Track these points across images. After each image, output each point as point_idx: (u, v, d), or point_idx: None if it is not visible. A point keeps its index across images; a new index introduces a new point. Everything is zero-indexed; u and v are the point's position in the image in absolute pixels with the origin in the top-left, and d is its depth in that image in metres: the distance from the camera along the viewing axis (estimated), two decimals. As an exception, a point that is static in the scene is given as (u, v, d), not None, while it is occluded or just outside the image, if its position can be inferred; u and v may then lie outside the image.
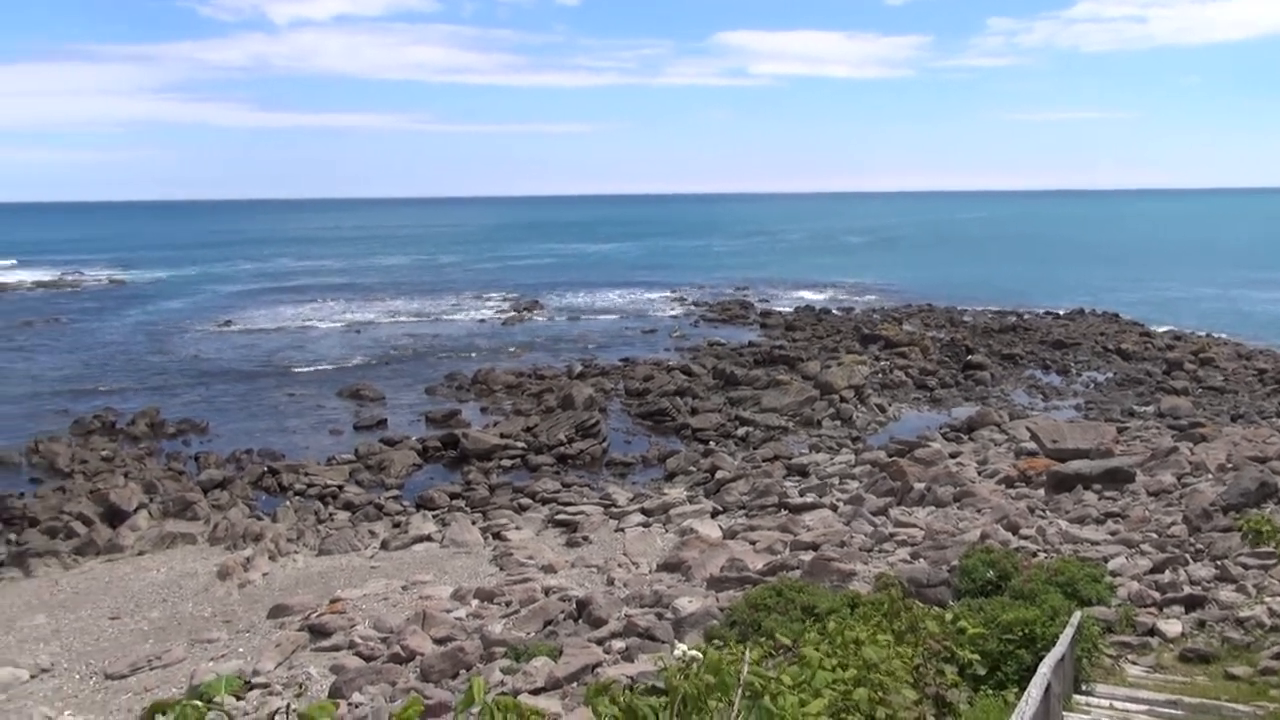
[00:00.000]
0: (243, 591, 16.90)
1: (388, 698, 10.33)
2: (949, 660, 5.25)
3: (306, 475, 25.19)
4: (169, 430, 30.64)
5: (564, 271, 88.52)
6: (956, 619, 6.38)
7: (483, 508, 22.82)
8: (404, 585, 16.07)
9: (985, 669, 7.10)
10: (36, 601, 17.22)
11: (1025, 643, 8.21)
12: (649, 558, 17.23)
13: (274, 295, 70.52)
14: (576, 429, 28.46)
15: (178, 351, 45.65)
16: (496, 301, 64.54)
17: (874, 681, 4.06)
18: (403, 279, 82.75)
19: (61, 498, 23.20)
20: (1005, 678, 7.90)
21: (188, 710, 1.80)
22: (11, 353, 45.95)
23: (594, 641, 10.98)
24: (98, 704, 11.91)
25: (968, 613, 8.32)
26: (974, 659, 5.65)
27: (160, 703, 1.94)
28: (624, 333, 49.95)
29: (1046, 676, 6.24)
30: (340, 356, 43.85)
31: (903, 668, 4.45)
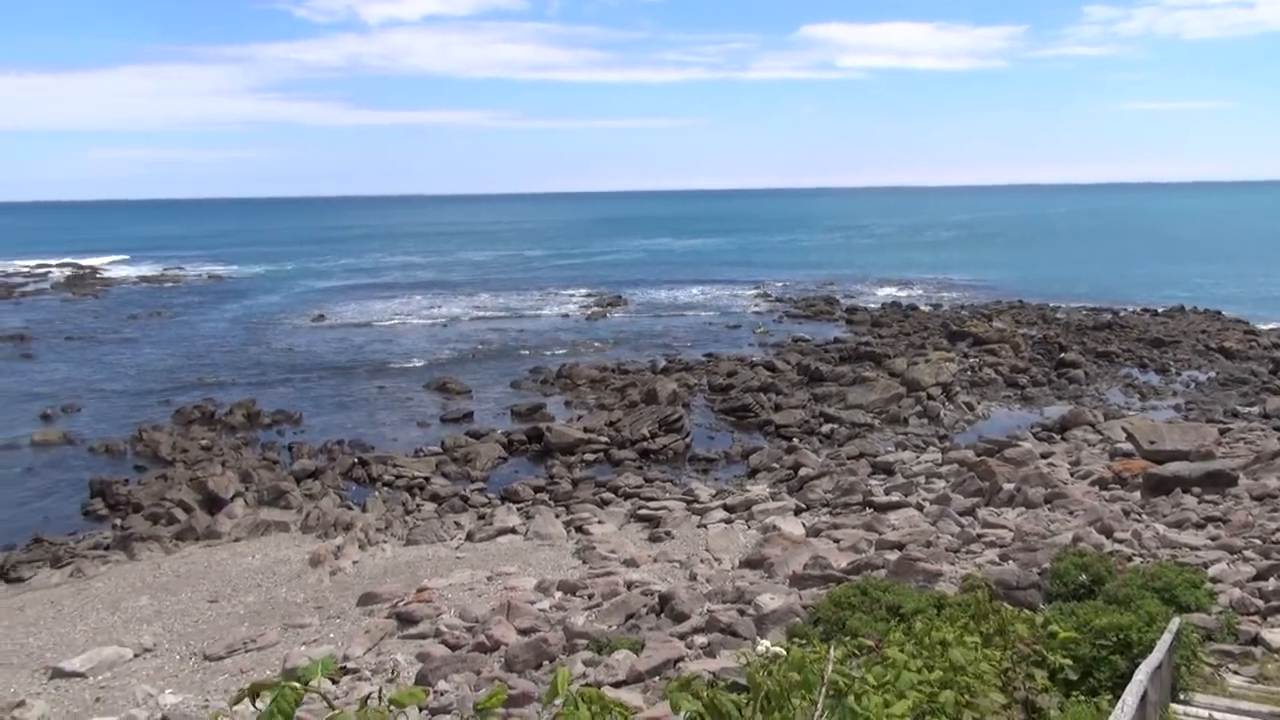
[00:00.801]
0: (333, 579, 17.31)
1: (472, 686, 10.48)
2: (1039, 664, 5.14)
3: (395, 467, 25.70)
4: (264, 421, 31.54)
5: (648, 267, 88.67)
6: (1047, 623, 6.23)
7: (566, 501, 23.01)
8: (489, 576, 16.29)
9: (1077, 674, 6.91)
10: (140, 584, 17.89)
11: (1120, 649, 7.97)
12: (731, 554, 17.18)
13: (365, 290, 72.08)
14: (660, 424, 28.50)
15: (273, 345, 46.96)
16: (581, 297, 64.95)
17: (961, 684, 3.99)
18: (489, 274, 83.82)
19: (163, 485, 24.08)
20: (1098, 684, 7.68)
21: (286, 692, 1.85)
22: (118, 345, 47.82)
23: (676, 636, 10.99)
24: (196, 684, 12.31)
25: (1059, 617, 8.12)
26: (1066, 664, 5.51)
27: (259, 684, 2.00)
28: (708, 328, 49.84)
29: (1143, 684, 6.05)
30: (428, 350, 44.61)
31: (991, 671, 4.36)
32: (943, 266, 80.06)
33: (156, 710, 9.19)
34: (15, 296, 70.98)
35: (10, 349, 46.43)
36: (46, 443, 29.29)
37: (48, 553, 20.36)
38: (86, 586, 18.13)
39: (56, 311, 61.91)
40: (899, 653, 3.73)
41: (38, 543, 20.96)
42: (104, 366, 41.92)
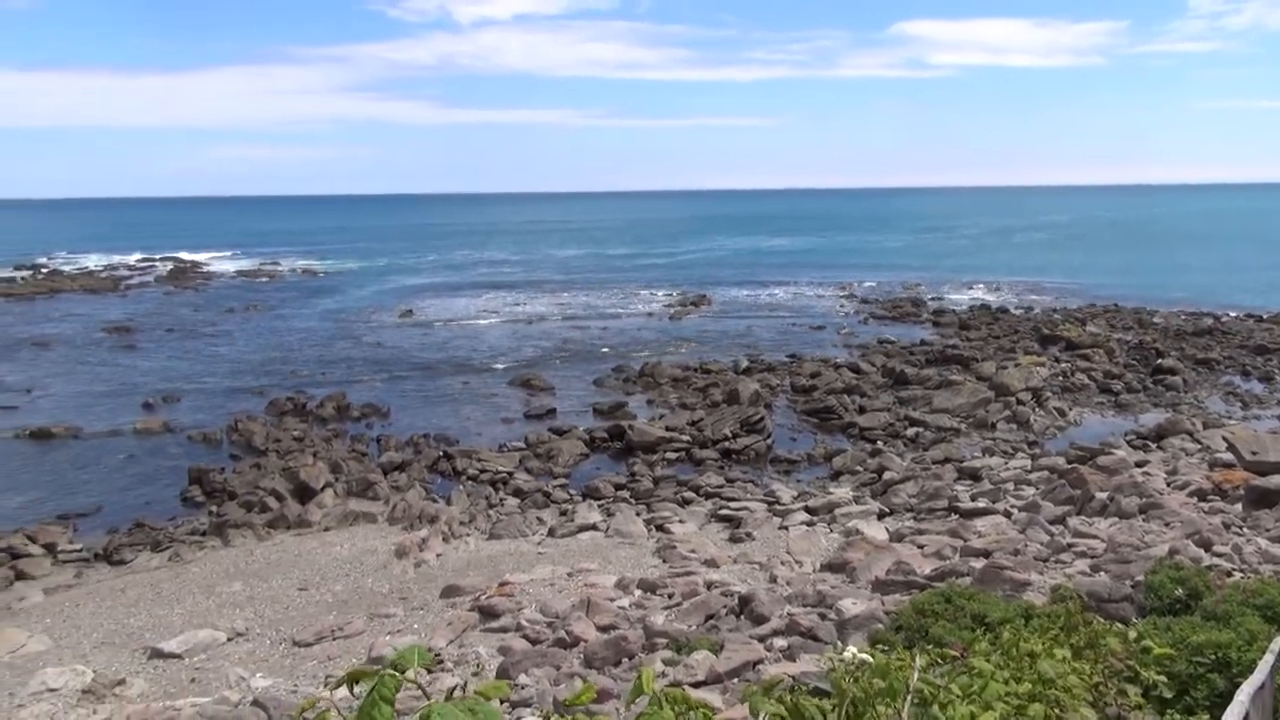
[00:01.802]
0: (418, 570, 17.62)
1: (552, 681, 10.58)
2: (1132, 680, 4.99)
3: (479, 461, 26.06)
4: (354, 414, 32.25)
5: (732, 266, 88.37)
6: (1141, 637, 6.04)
7: (647, 500, 23.07)
8: (569, 572, 16.41)
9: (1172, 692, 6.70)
10: (234, 569, 18.45)
11: (1219, 667, 7.70)
12: (812, 557, 17.03)
13: (452, 287, 73.22)
14: (741, 424, 28.39)
15: (362, 339, 48.00)
16: (664, 295, 65.00)
17: (1050, 698, 3.90)
18: (574, 272, 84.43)
19: (257, 474, 24.80)
20: (1194, 703, 7.43)
21: (387, 679, 1.90)
22: (216, 338, 49.38)
23: (756, 638, 10.94)
24: (286, 669, 12.64)
25: (1153, 631, 7.87)
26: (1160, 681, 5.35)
27: (358, 671, 2.05)
28: (791, 329, 49.48)
29: (1244, 705, 5.84)
30: (512, 347, 45.13)
31: (1081, 685, 4.25)
32: (1034, 268, 78.16)
33: (248, 693, 9.47)
34: (121, 289, 73.81)
35: (115, 340, 48.29)
36: (148, 431, 30.40)
37: (148, 537, 21.16)
38: (184, 571, 18.76)
39: (158, 304, 64.19)
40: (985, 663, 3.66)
41: (139, 527, 21.79)
42: (202, 358, 43.34)
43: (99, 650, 14.03)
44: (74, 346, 46.64)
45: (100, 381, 38.26)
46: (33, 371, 40.22)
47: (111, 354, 44.58)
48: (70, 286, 74.49)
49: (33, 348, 46.12)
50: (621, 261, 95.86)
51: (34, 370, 40.51)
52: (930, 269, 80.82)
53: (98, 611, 16.40)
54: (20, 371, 40.13)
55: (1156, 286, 61.99)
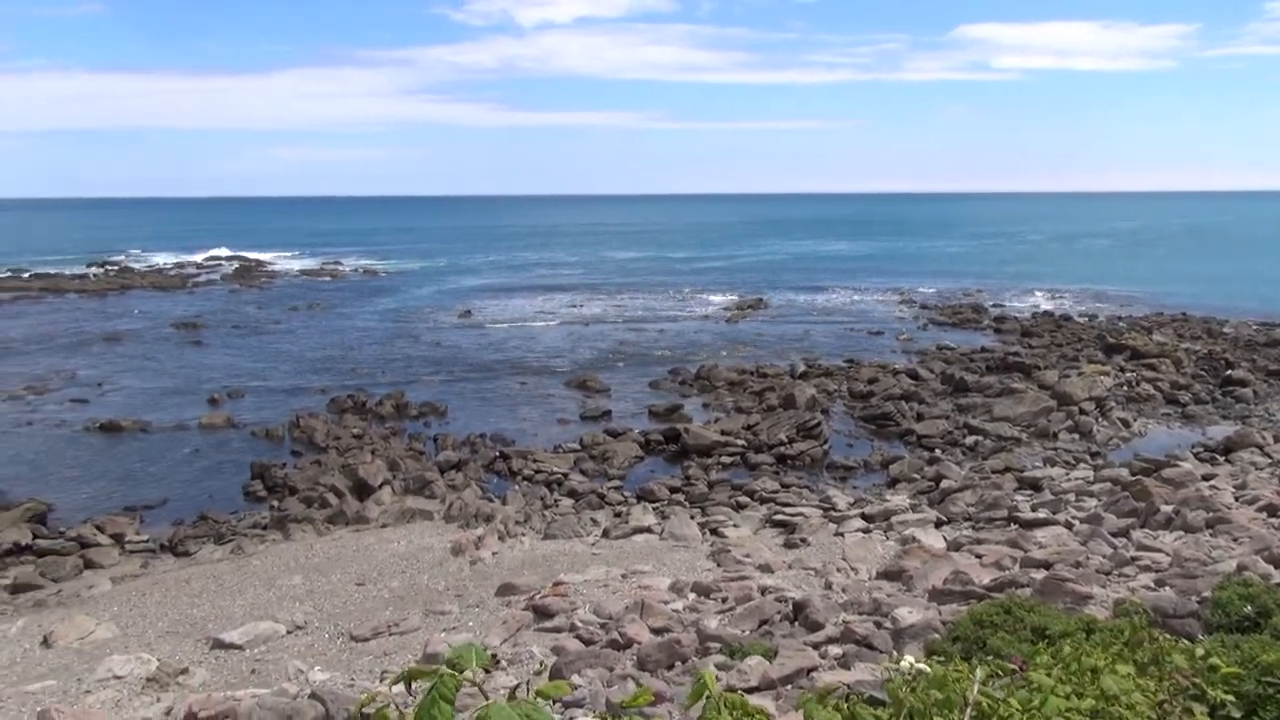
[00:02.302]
0: (473, 568, 17.78)
1: (605, 682, 10.61)
2: (1198, 699, 4.87)
3: (535, 461, 26.22)
4: (412, 412, 32.64)
5: (791, 270, 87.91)
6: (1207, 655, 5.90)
7: (701, 503, 23.04)
8: (623, 574, 16.44)
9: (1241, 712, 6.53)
10: (294, 563, 18.77)
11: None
12: (868, 564, 16.88)
13: (511, 288, 73.77)
14: (798, 429, 28.24)
15: (421, 339, 48.55)
16: (722, 299, 64.87)
17: (1113, 715, 3.82)
18: (632, 275, 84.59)
19: (317, 470, 25.20)
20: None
21: (447, 679, 1.92)
22: (280, 335, 50.30)
23: (810, 645, 10.87)
24: (343, 663, 12.82)
25: (1220, 649, 7.68)
26: (1229, 700, 5.21)
27: (416, 670, 2.08)
28: (849, 333, 49.10)
29: (1312, 727, 5.67)
30: (569, 348, 45.34)
31: (1145, 703, 4.16)
32: (1099, 275, 76.67)
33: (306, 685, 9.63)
34: (189, 287, 75.48)
35: (183, 336, 49.42)
36: (213, 425, 31.05)
37: (212, 530, 21.61)
38: (245, 563, 19.13)
39: (224, 302, 65.53)
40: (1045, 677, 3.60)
41: (203, 520, 22.27)
42: (266, 355, 44.16)
43: (163, 639, 14.36)
44: (143, 342, 47.80)
45: (168, 377, 39.17)
46: (104, 366, 41.30)
47: (179, 350, 45.61)
48: (140, 283, 76.38)
49: (104, 343, 47.35)
50: (679, 264, 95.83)
51: (105, 365, 41.59)
52: (992, 275, 79.67)
53: (163, 601, 16.79)
54: (92, 366, 41.23)
55: (1226, 295, 60.47)
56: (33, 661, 13.52)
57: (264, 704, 8.04)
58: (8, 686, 12.17)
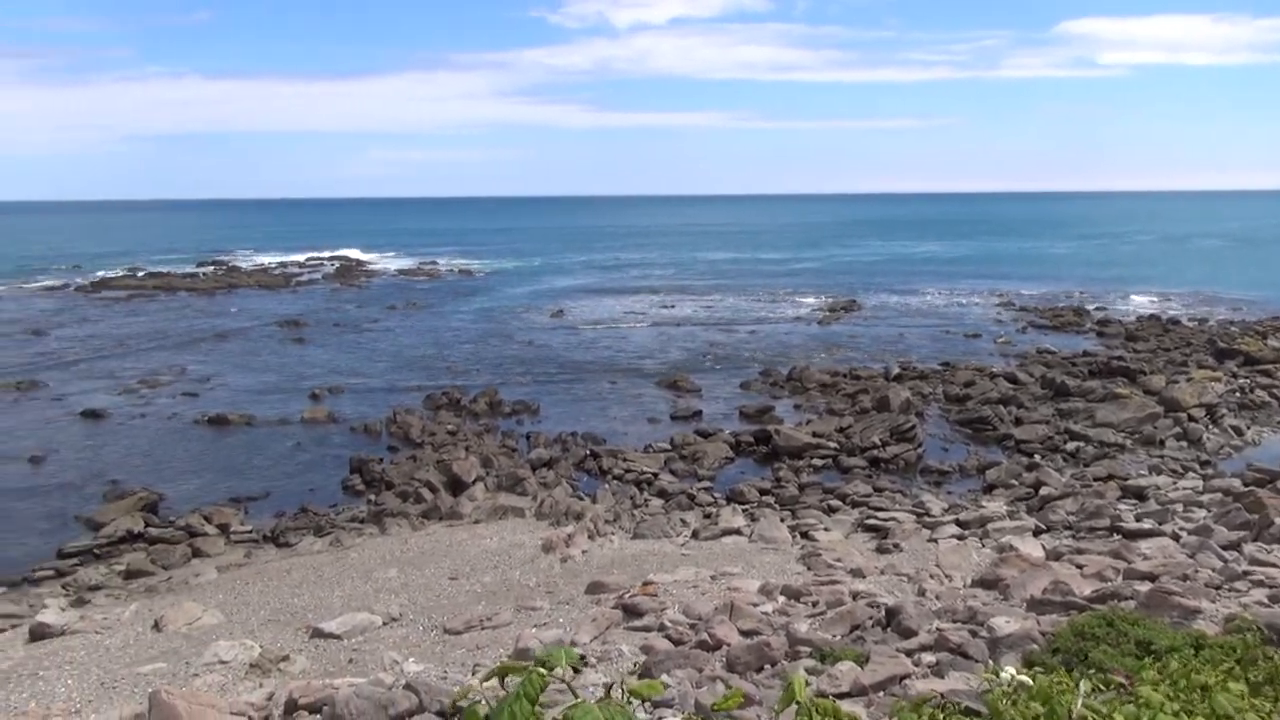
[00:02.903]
0: (564, 566, 17.93)
1: (693, 683, 10.59)
2: (1316, 721, 4.65)
3: (625, 461, 26.32)
4: (505, 410, 33.08)
5: (885, 271, 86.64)
6: (1326, 676, 5.63)
7: (792, 506, 22.85)
8: (713, 575, 16.39)
9: (1360, 736, 6.21)
10: (389, 557, 19.17)
11: None
12: (963, 571, 16.54)
13: (603, 287, 74.23)
14: (891, 432, 27.81)
15: (515, 338, 49.18)
16: (814, 300, 64.26)
17: (1224, 734, 3.67)
18: (724, 275, 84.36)
19: (413, 465, 25.72)
20: (1384, 749, 6.88)
21: (534, 677, 1.94)
22: (379, 333, 51.49)
23: (902, 652, 10.68)
24: (436, 655, 13.05)
25: (1340, 670, 7.32)
26: (1348, 723, 4.96)
27: (507, 666, 2.10)
28: (945, 335, 48.16)
29: None
30: (660, 348, 45.41)
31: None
32: (1209, 278, 73.75)
33: (401, 676, 9.83)
34: (292, 286, 77.75)
35: (286, 334, 50.94)
36: (314, 420, 31.93)
37: (312, 522, 22.23)
38: (344, 555, 19.62)
39: (325, 300, 67.32)
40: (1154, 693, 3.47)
41: (304, 512, 22.92)
42: (364, 352, 45.24)
43: (265, 627, 14.81)
44: (249, 339, 49.42)
45: (272, 373, 40.42)
46: (212, 362, 42.82)
47: (282, 347, 47.03)
48: (246, 282, 78.96)
49: (213, 339, 49.10)
50: (771, 265, 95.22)
51: (213, 360, 43.11)
52: (1095, 277, 77.33)
53: (265, 590, 17.32)
54: (201, 361, 42.78)
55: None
56: (144, 644, 14.07)
57: (360, 693, 8.22)
58: (122, 667, 12.70)
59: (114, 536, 21.21)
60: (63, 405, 34.38)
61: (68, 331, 52.13)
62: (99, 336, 50.34)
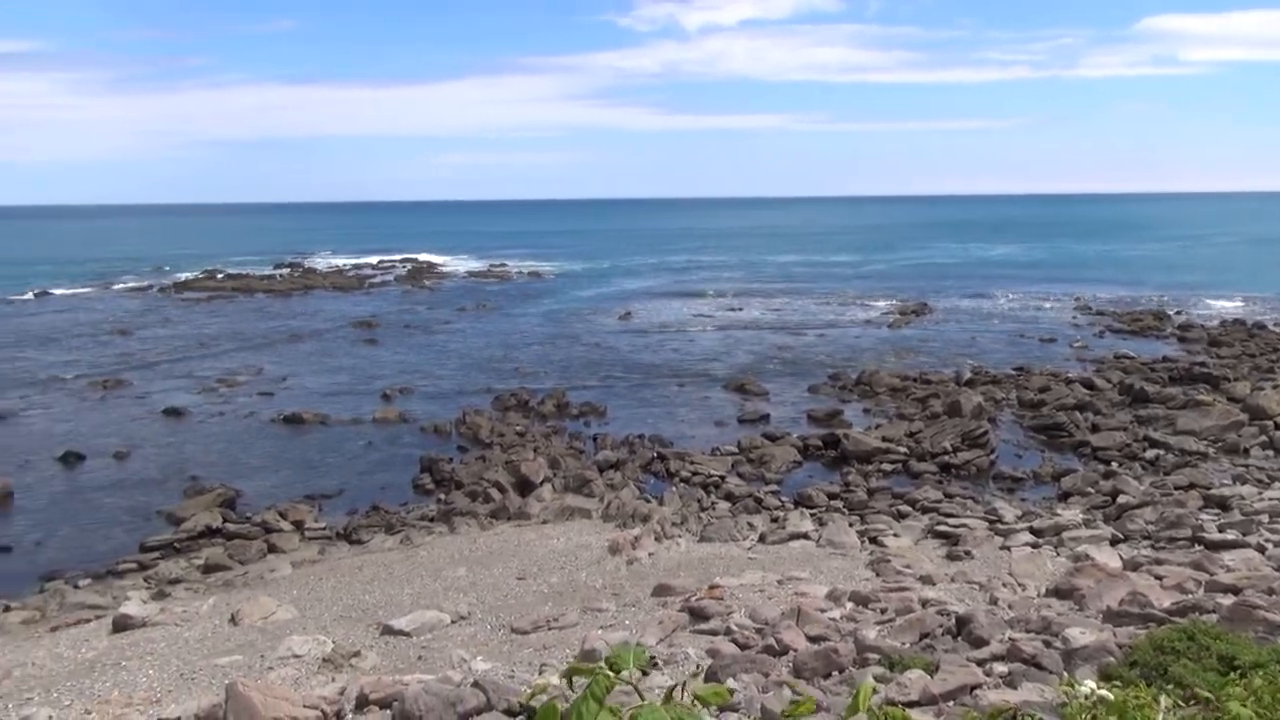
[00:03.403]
0: (630, 568, 17.95)
1: (759, 688, 10.52)
2: None
3: (692, 463, 26.28)
4: (573, 412, 33.26)
5: (957, 274, 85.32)
6: None
7: (860, 510, 22.61)
8: (780, 580, 16.28)
9: None
10: (458, 556, 19.38)
11: None
12: (1036, 580, 16.20)
13: (671, 290, 74.27)
14: (963, 438, 27.36)
15: (582, 340, 49.42)
16: (884, 303, 63.54)
17: (1313, 754, 3.54)
18: (793, 278, 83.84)
19: (482, 466, 25.98)
20: None
21: (600, 679, 1.94)
22: (449, 334, 52.17)
23: (973, 661, 10.50)
24: (504, 654, 13.15)
25: None
26: None
27: (576, 666, 2.11)
28: (1019, 339, 47.26)
29: None
30: (727, 351, 45.28)
31: (1350, 743, 3.84)
32: (1299, 281, 71.36)
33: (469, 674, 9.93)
34: (365, 288, 79.13)
35: (359, 334, 51.85)
36: (386, 420, 32.43)
37: (383, 520, 22.58)
38: (414, 554, 19.88)
39: (397, 302, 68.38)
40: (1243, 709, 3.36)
41: (375, 510, 23.30)
42: (435, 353, 45.84)
43: (338, 623, 15.07)
44: (323, 340, 50.41)
45: (345, 373, 41.17)
46: (288, 361, 43.76)
47: (355, 347, 47.88)
48: (321, 284, 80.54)
49: (288, 340, 50.17)
50: (840, 268, 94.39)
51: (289, 360, 44.06)
52: (1176, 280, 75.26)
53: (338, 587, 17.63)
54: (277, 361, 43.74)
55: None
56: (221, 637, 14.42)
57: (429, 689, 8.32)
58: (200, 659, 13.03)
59: (193, 531, 21.80)
60: (146, 403, 35.43)
61: (151, 332, 53.71)
62: (180, 337, 51.78)
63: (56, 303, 69.17)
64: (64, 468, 27.48)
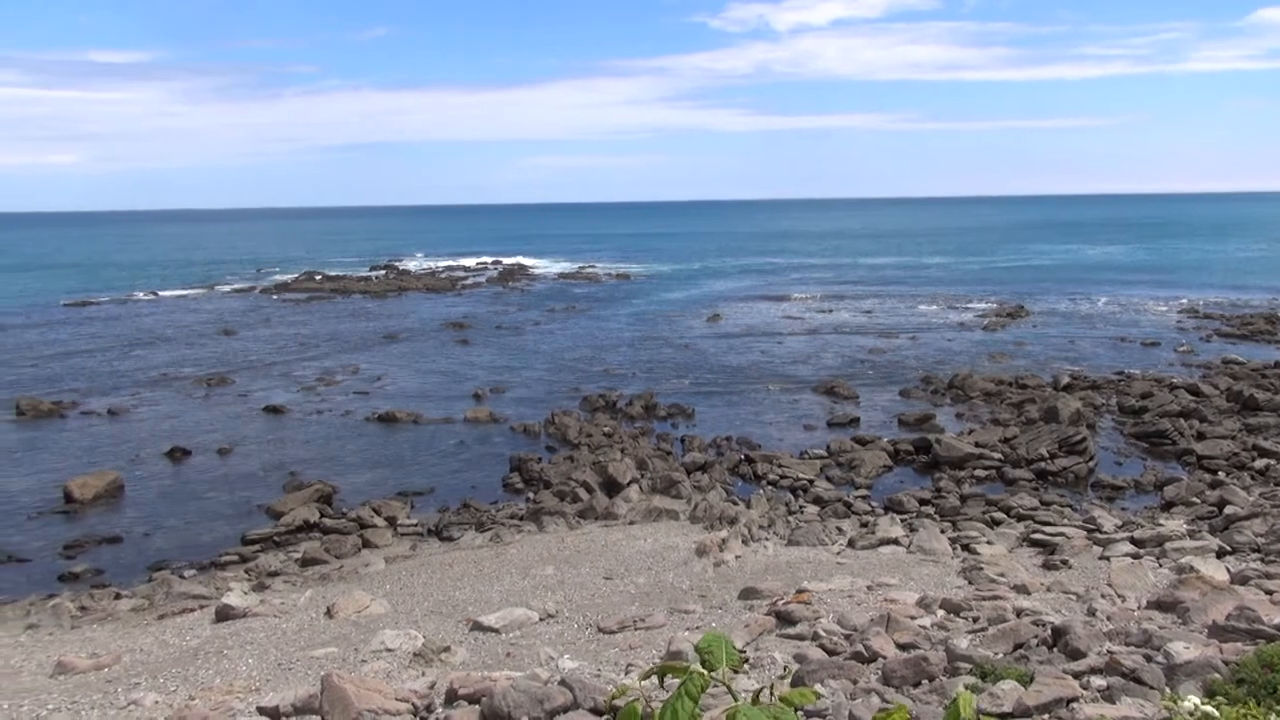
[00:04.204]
0: (717, 570, 17.91)
1: (847, 694, 10.41)
2: None
3: (780, 466, 26.11)
4: (660, 413, 33.32)
5: (1056, 275, 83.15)
6: None
7: (952, 517, 22.19)
8: (869, 585, 16.07)
9: None
10: (546, 554, 19.58)
11: None
12: (1137, 592, 15.69)
13: (760, 292, 73.88)
14: (1060, 444, 26.65)
15: (670, 341, 49.47)
16: (979, 305, 62.26)
17: None
18: (885, 279, 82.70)
19: (570, 466, 26.20)
20: None
21: (694, 678, 1.96)
22: (539, 334, 52.75)
23: (1070, 674, 10.23)
24: (590, 653, 13.24)
25: None
26: None
27: (668, 665, 2.12)
28: (1120, 343, 45.84)
29: None
30: (816, 353, 44.86)
31: None
32: None
33: (557, 672, 10.03)
34: (458, 289, 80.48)
35: (452, 336, 52.75)
36: (476, 420, 32.94)
37: (473, 517, 22.93)
38: (503, 551, 20.15)
39: (488, 303, 69.38)
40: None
41: (465, 508, 23.67)
42: (525, 354, 46.39)
43: (429, 618, 15.36)
44: (417, 340, 51.42)
45: (437, 373, 41.93)
46: (383, 361, 44.76)
47: (448, 348, 48.72)
48: (415, 285, 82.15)
49: (384, 340, 51.30)
50: (934, 270, 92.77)
51: (384, 360, 45.06)
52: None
53: (429, 582, 17.97)
54: (373, 361, 44.78)
55: None
56: (317, 629, 14.82)
57: (517, 686, 8.43)
58: (297, 650, 13.41)
59: (292, 525, 22.45)
60: (248, 401, 36.60)
61: (253, 332, 55.47)
62: (280, 337, 53.36)
63: (167, 304, 71.92)
64: (171, 462, 28.56)
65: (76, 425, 33.29)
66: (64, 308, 68.63)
